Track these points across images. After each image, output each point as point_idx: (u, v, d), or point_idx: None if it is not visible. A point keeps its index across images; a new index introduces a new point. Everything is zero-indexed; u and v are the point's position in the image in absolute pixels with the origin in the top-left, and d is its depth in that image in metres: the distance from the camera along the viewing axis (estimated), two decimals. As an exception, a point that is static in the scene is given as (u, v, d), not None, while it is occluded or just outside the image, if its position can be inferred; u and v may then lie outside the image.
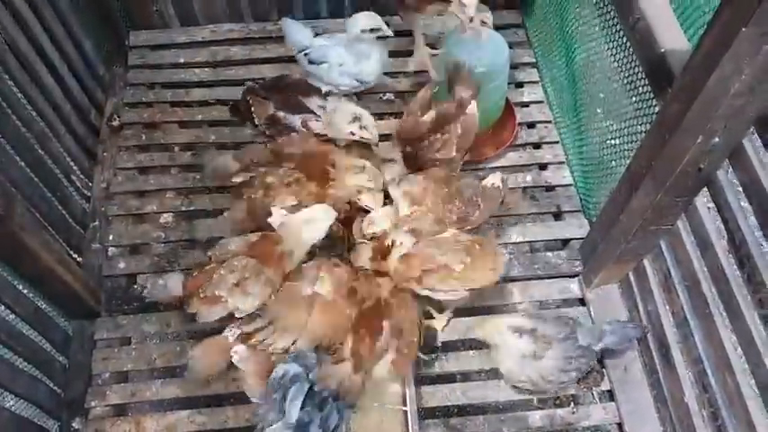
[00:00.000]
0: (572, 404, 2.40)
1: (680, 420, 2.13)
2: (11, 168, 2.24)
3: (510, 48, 2.76)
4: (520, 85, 3.16)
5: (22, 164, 2.35)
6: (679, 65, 1.78)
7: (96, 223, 2.75)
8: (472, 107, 2.49)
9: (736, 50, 1.46)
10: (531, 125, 3.04)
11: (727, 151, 1.75)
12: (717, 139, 1.69)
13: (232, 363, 2.14)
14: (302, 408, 1.92)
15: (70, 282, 2.30)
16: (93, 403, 2.33)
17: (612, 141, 2.52)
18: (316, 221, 2.26)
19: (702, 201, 1.98)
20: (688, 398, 2.09)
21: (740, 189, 1.78)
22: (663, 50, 1.89)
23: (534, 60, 3.24)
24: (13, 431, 2.11)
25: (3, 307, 2.17)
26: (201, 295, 2.14)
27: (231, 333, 2.19)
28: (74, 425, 2.31)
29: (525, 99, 3.11)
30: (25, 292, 2.28)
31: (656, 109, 2.04)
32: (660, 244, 2.19)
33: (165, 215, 2.79)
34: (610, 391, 2.39)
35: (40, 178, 2.44)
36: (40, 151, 2.49)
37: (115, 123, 3.02)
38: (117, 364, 2.41)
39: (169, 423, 2.29)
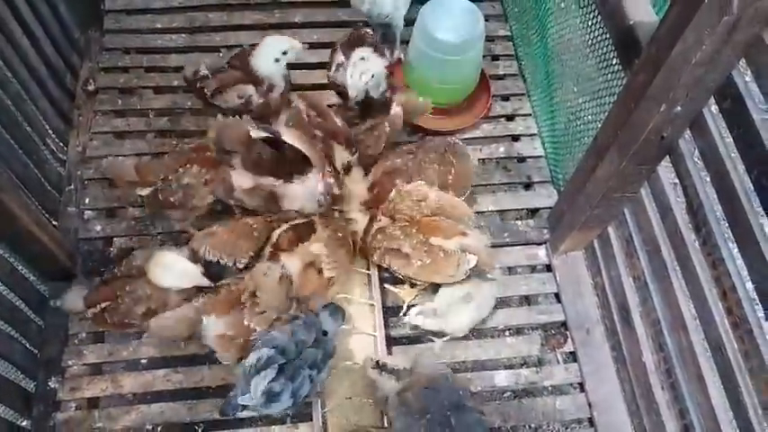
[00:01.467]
0: (536, 366, 2.50)
1: (637, 378, 2.25)
2: (-14, 128, 2.25)
3: (486, 20, 2.80)
4: (495, 57, 3.21)
5: (-2, 125, 2.35)
6: (646, 37, 1.84)
7: (72, 187, 2.75)
8: (398, 109, 2.59)
9: (698, 22, 1.53)
10: (506, 98, 3.11)
11: (689, 120, 1.83)
12: (679, 108, 1.77)
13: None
14: (274, 380, 1.95)
15: (47, 243, 2.31)
16: (69, 362, 2.36)
17: (582, 115, 2.59)
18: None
19: (664, 169, 2.07)
20: (645, 357, 2.20)
21: (699, 157, 1.87)
22: (632, 23, 1.95)
23: (510, 34, 3.29)
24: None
25: (-22, 266, 2.19)
26: None
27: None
28: (50, 384, 2.33)
29: (500, 72, 3.16)
30: (0, 252, 2.29)
31: (624, 83, 2.11)
32: (624, 211, 2.29)
33: (141, 179, 2.80)
34: (573, 353, 2.50)
35: (15, 140, 2.44)
36: (15, 112, 2.48)
37: (90, 88, 3.00)
38: (93, 324, 2.43)
39: (146, 381, 2.34)
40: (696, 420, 1.93)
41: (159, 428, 2.34)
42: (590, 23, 2.42)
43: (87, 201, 2.71)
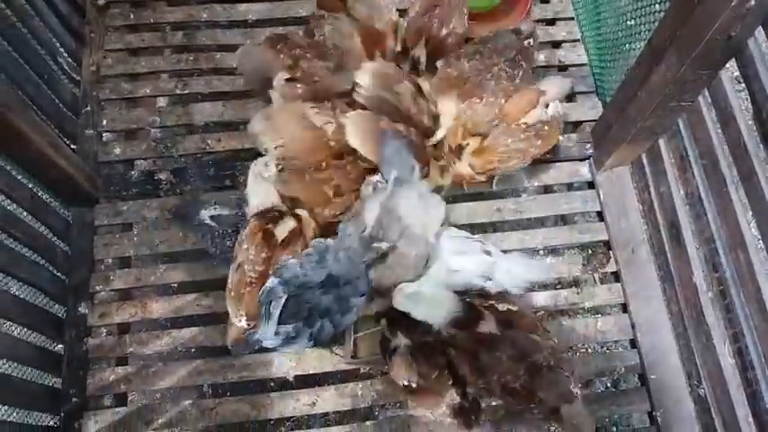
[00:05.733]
0: (577, 286, 2.40)
1: (686, 300, 2.13)
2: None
3: None
4: (533, -45, 2.93)
5: (4, 42, 2.21)
6: None
7: (88, 108, 2.63)
8: None
9: None
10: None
11: (762, 16, 1.61)
12: (752, 2, 1.55)
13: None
14: (287, 322, 1.87)
15: (65, 167, 2.22)
16: (97, 288, 2.33)
17: (632, 16, 2.36)
18: None
19: (727, 74, 1.87)
20: (696, 278, 2.08)
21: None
22: None
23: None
24: (20, 315, 2.11)
25: (-2, 192, 2.12)
26: None
27: None
28: (80, 309, 2.31)
29: (539, -30, 2.89)
30: (20, 178, 2.21)
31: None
32: (678, 122, 2.10)
33: (159, 99, 2.68)
34: (616, 273, 2.38)
35: (24, 59, 2.31)
36: (22, 29, 2.34)
37: (101, 2, 2.82)
38: (119, 249, 2.39)
39: (176, 306, 2.30)
40: (751, 343, 1.82)
41: (193, 351, 2.32)
42: None
43: (105, 123, 2.59)
